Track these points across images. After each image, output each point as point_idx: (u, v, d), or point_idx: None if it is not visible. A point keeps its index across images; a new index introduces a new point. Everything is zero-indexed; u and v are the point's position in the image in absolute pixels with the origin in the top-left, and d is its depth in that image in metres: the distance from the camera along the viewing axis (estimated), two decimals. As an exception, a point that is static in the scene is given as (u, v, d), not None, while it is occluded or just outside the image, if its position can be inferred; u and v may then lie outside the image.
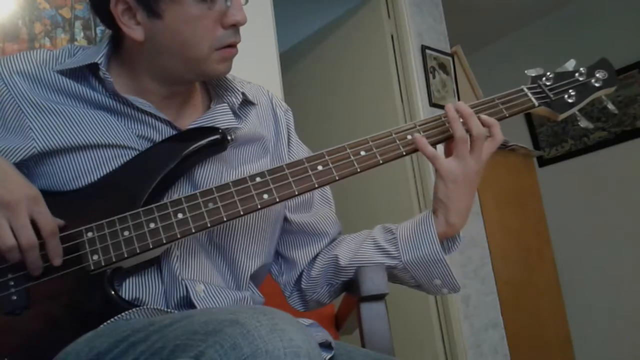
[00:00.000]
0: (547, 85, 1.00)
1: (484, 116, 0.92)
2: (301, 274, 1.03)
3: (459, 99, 2.91)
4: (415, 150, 0.91)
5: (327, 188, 1.06)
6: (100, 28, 1.73)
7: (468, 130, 0.90)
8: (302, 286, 1.03)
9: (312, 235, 1.03)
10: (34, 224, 0.72)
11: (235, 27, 0.83)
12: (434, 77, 2.80)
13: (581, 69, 1.02)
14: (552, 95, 0.99)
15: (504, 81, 0.98)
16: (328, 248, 1.04)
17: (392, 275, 0.98)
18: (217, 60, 0.84)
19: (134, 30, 0.81)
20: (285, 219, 1.01)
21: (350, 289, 1.02)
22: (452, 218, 0.92)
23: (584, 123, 1.01)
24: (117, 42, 0.87)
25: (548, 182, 3.46)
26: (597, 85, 1.01)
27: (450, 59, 2.95)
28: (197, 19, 0.80)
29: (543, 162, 3.66)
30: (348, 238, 1.04)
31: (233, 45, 0.85)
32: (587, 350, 3.18)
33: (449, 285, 0.96)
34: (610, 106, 1.03)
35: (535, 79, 1.01)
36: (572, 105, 0.99)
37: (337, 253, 1.00)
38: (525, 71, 1.02)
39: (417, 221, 0.95)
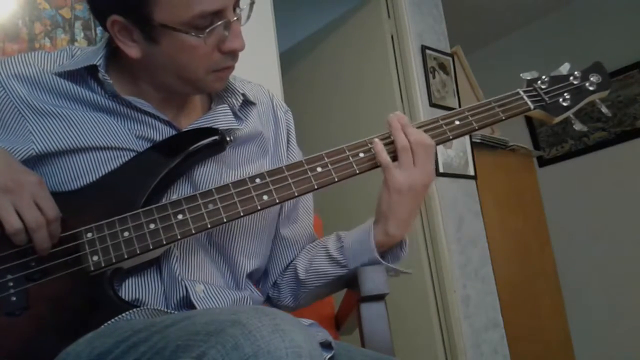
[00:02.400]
0: (542, 89, 1.01)
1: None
2: (273, 283, 1.05)
3: (459, 99, 2.91)
4: None
5: (310, 197, 1.07)
6: (101, 28, 1.73)
7: (408, 138, 0.90)
8: (270, 294, 1.05)
9: (288, 248, 1.04)
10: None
11: (233, 53, 0.82)
12: (434, 77, 2.80)
13: (576, 72, 1.04)
14: (547, 99, 1.00)
15: (504, 81, 0.99)
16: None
17: (350, 281, 0.99)
18: (213, 80, 0.84)
19: (130, 48, 0.81)
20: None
21: (352, 286, 1.02)
22: (391, 229, 0.92)
23: (578, 126, 1.03)
24: (116, 46, 0.87)
25: (548, 182, 3.46)
26: (591, 88, 1.02)
27: (450, 59, 2.94)
28: (193, 48, 0.79)
29: (543, 162, 3.66)
30: (307, 248, 1.05)
31: (230, 67, 0.85)
32: (587, 350, 3.18)
33: (402, 274, 0.98)
34: (604, 109, 1.05)
35: (531, 82, 1.02)
36: (567, 108, 1.01)
37: (296, 264, 1.02)
38: (521, 75, 1.03)
39: (361, 230, 0.96)
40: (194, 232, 0.78)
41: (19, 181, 0.73)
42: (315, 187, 0.85)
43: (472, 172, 2.79)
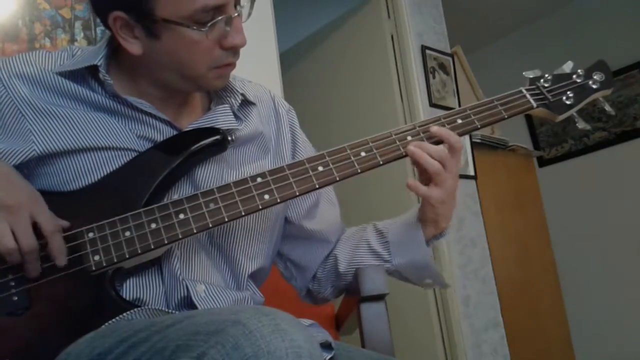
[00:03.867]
0: (545, 87, 1.01)
1: (434, 128, 0.92)
2: (313, 276, 1.07)
3: (459, 99, 2.91)
4: None
5: (331, 189, 1.08)
6: (101, 28, 1.73)
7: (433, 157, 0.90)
8: (310, 287, 1.07)
9: (320, 242, 1.05)
10: (35, 226, 0.73)
11: (234, 49, 0.83)
12: (434, 77, 2.80)
13: (579, 70, 1.03)
14: (550, 97, 1.00)
15: (504, 81, 0.99)
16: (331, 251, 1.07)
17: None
18: (213, 77, 0.84)
19: (131, 44, 0.81)
20: (295, 225, 1.03)
21: (350, 290, 1.03)
22: (442, 224, 0.96)
23: (581, 124, 1.02)
24: (117, 45, 0.87)
25: (548, 182, 3.47)
26: (594, 87, 1.02)
27: (450, 59, 2.95)
28: (195, 43, 0.79)
29: (543, 162, 3.66)
30: (344, 238, 1.07)
31: (231, 64, 0.85)
32: (587, 350, 3.18)
33: (439, 284, 1.01)
34: (608, 108, 1.04)
35: (534, 80, 1.02)
36: (570, 106, 1.00)
37: (337, 254, 1.03)
38: (523, 73, 1.03)
39: (407, 228, 0.98)
40: (195, 231, 0.78)
41: (18, 200, 0.72)
42: (317, 186, 0.85)
43: (472, 172, 2.79)
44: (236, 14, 0.80)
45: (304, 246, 1.05)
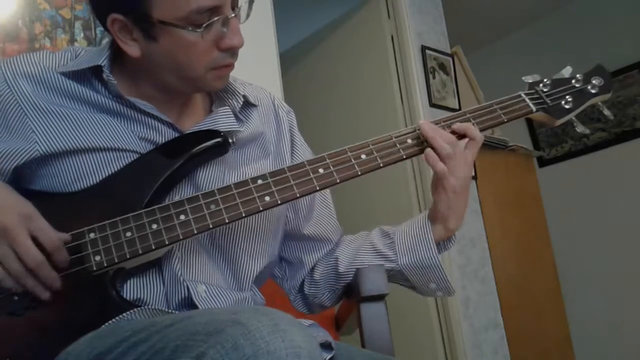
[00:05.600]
0: (544, 92, 1.02)
1: (456, 126, 0.94)
2: (304, 278, 1.05)
3: (459, 100, 2.91)
4: (415, 154, 0.93)
5: (328, 193, 1.08)
6: (100, 29, 1.73)
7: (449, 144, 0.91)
8: (305, 291, 1.05)
9: (316, 242, 1.05)
10: (36, 242, 0.72)
11: (231, 50, 0.83)
12: (434, 78, 2.80)
13: (577, 75, 1.04)
14: (549, 101, 1.01)
15: (504, 81, 0.99)
16: (329, 252, 1.06)
17: (388, 276, 1.00)
18: (212, 78, 0.84)
19: (130, 47, 0.81)
20: (291, 228, 1.03)
21: (349, 292, 1.03)
22: (451, 224, 0.95)
23: (580, 128, 1.03)
24: (118, 47, 0.87)
25: (548, 182, 3.46)
26: (593, 91, 1.03)
27: (450, 59, 2.95)
28: (191, 45, 0.79)
29: (543, 162, 3.67)
30: (347, 241, 1.06)
31: (229, 65, 0.85)
32: (587, 350, 3.18)
33: (443, 289, 0.99)
34: (606, 112, 1.05)
35: (533, 85, 1.03)
36: (569, 111, 1.01)
37: (338, 256, 1.02)
38: (522, 78, 1.03)
39: (415, 227, 0.97)
40: (195, 232, 0.78)
41: (10, 218, 0.71)
42: (317, 188, 0.86)
43: (472, 172, 2.79)
44: (233, 15, 0.81)
45: (299, 245, 1.04)
